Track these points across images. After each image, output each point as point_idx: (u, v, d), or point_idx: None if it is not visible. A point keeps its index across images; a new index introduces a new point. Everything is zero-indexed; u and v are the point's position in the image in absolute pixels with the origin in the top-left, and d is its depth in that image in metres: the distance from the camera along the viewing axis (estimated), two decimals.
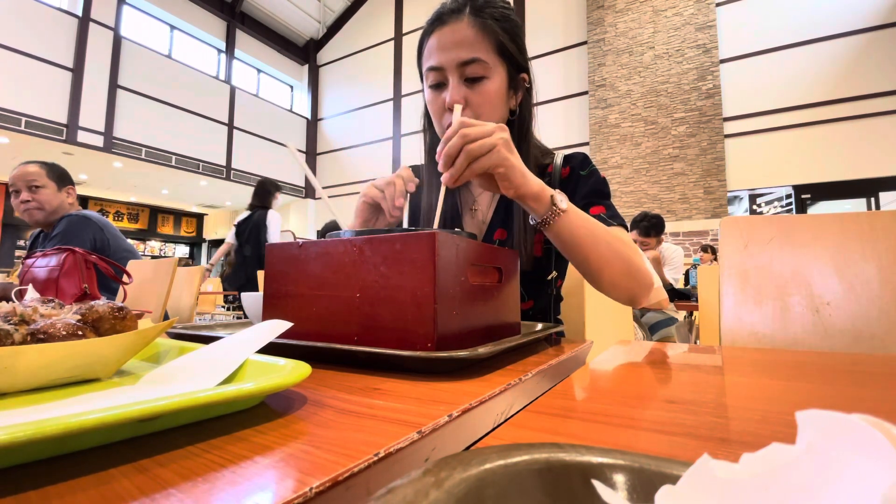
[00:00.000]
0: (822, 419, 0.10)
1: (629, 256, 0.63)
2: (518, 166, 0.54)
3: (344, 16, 9.90)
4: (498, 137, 0.52)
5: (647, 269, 0.64)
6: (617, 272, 0.62)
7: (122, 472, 0.18)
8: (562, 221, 0.57)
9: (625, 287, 0.63)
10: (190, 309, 1.56)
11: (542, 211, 0.57)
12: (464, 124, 0.52)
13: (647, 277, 0.65)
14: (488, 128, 0.52)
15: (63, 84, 6.25)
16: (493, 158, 0.51)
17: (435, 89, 0.72)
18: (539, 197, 0.56)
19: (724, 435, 0.23)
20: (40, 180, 1.60)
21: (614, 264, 0.62)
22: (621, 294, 0.64)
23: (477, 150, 0.51)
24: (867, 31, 5.21)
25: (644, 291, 0.65)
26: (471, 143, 0.51)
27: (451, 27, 0.68)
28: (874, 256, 0.64)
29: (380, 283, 0.39)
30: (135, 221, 10.70)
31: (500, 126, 0.53)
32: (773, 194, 5.64)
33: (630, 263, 0.63)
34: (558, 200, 0.57)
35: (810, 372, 0.39)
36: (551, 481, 0.14)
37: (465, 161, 0.51)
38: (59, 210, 1.64)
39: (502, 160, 0.52)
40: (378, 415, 0.26)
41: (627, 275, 0.63)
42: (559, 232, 0.59)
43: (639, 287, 0.64)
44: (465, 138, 0.51)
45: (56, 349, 0.29)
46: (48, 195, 1.61)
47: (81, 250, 1.14)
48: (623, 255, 0.62)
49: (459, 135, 0.51)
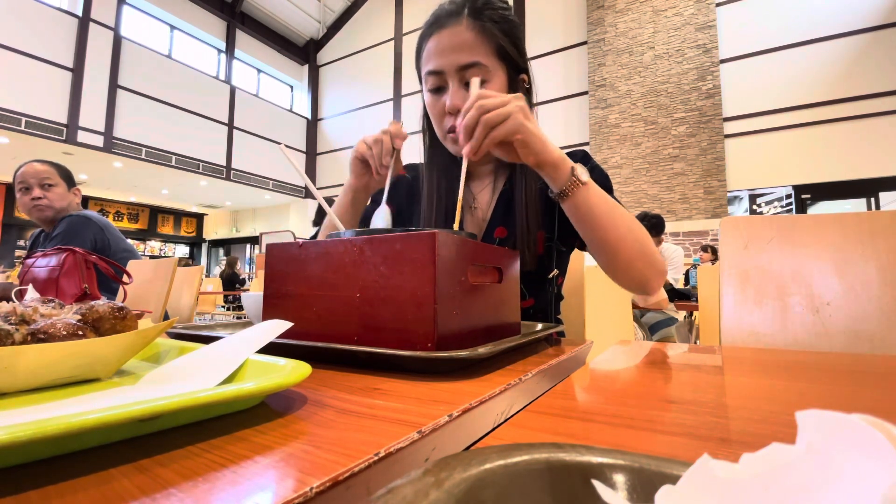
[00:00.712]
0: (822, 419, 0.10)
1: (644, 240, 0.62)
2: (537, 133, 0.55)
3: (344, 16, 9.91)
4: (514, 106, 0.53)
5: (658, 254, 0.64)
6: (633, 253, 0.62)
7: (122, 472, 0.18)
8: (581, 193, 0.57)
9: (639, 270, 0.63)
10: (190, 309, 1.56)
11: (562, 181, 0.57)
12: (481, 96, 0.53)
13: (660, 263, 0.64)
14: (505, 97, 0.53)
15: (63, 84, 6.25)
16: (510, 125, 0.52)
17: (434, 93, 0.72)
18: (559, 165, 0.57)
19: (724, 435, 0.23)
20: (53, 179, 1.61)
21: (630, 244, 0.61)
22: (634, 277, 0.64)
23: (494, 119, 0.52)
24: (867, 31, 5.21)
25: (657, 277, 0.65)
26: (487, 112, 0.52)
27: (450, 30, 0.68)
28: (874, 256, 0.64)
29: (380, 283, 0.39)
30: (135, 221, 10.70)
31: (517, 95, 0.54)
32: (773, 194, 5.64)
33: (645, 246, 0.62)
34: (579, 172, 0.57)
35: (810, 372, 0.39)
36: (551, 481, 0.14)
37: (483, 131, 0.52)
38: (67, 210, 1.65)
39: (519, 126, 0.53)
40: (378, 415, 0.26)
41: (642, 257, 0.62)
42: (578, 204, 0.58)
43: (652, 272, 0.64)
44: (481, 109, 0.52)
45: (56, 349, 0.29)
46: (59, 194, 1.62)
47: (81, 250, 1.14)
48: (639, 236, 0.62)
49: (476, 106, 0.52)
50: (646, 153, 6.16)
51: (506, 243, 0.76)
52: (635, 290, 0.67)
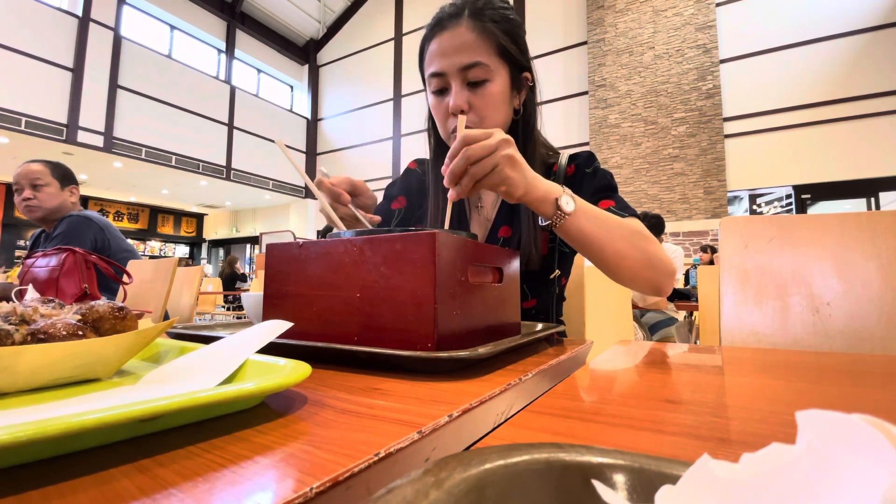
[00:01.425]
0: (822, 419, 0.10)
1: (646, 247, 0.62)
2: (520, 181, 0.54)
3: (344, 16, 9.91)
4: (501, 155, 0.51)
5: (666, 257, 0.64)
6: (636, 265, 0.62)
7: (122, 472, 0.18)
8: (570, 223, 0.57)
9: (645, 278, 0.63)
10: (190, 309, 1.56)
11: (549, 214, 0.57)
12: (466, 140, 0.51)
13: (667, 266, 0.64)
14: (491, 143, 0.51)
15: (63, 84, 6.25)
16: (495, 179, 0.52)
17: (438, 95, 0.72)
18: (544, 200, 0.57)
19: (724, 435, 0.23)
20: (43, 178, 1.61)
21: (631, 257, 0.61)
22: (643, 285, 0.64)
23: (481, 172, 0.51)
24: (867, 31, 5.21)
25: (667, 280, 0.65)
26: (475, 163, 0.51)
27: (451, 32, 0.68)
28: (874, 256, 0.64)
29: (380, 283, 0.39)
30: (135, 221, 10.70)
31: (506, 140, 0.52)
32: (773, 194, 5.64)
33: (648, 254, 0.62)
34: (563, 203, 0.57)
35: (810, 372, 0.39)
36: (551, 481, 0.14)
37: (469, 182, 0.52)
38: (61, 209, 1.65)
39: (504, 179, 0.52)
40: (378, 415, 0.26)
41: (647, 266, 0.62)
42: (568, 232, 0.59)
43: (661, 276, 0.64)
44: (468, 160, 0.51)
45: (56, 349, 0.29)
46: (49, 194, 1.62)
47: (81, 250, 1.14)
48: (640, 246, 0.62)
49: (462, 156, 0.51)
50: (646, 153, 6.16)
51: (510, 243, 0.76)
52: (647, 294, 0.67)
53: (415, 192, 0.90)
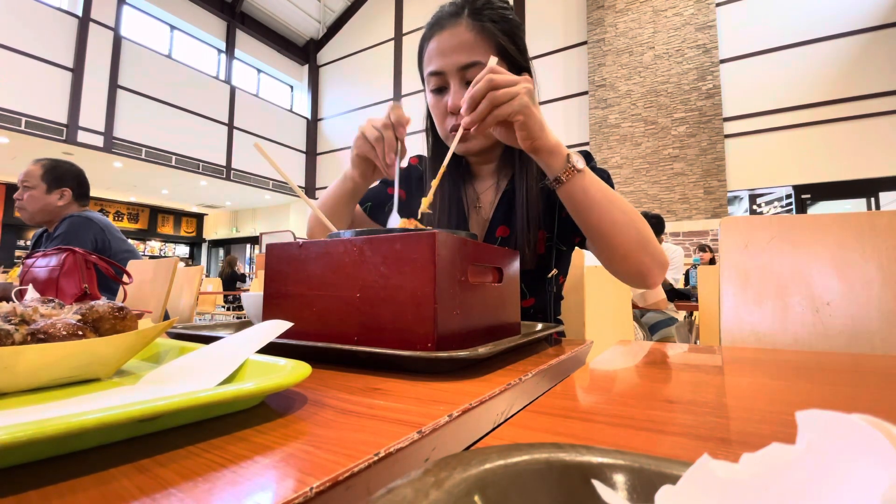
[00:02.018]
0: (822, 419, 0.10)
1: (643, 227, 0.62)
2: (538, 117, 0.55)
3: (344, 16, 9.90)
4: (522, 87, 0.53)
5: (657, 244, 0.64)
6: (630, 240, 0.61)
7: (122, 471, 0.18)
8: (577, 180, 0.58)
9: (637, 259, 0.62)
10: (190, 309, 1.56)
11: (558, 167, 0.57)
12: (492, 70, 0.53)
13: (661, 254, 0.63)
14: (515, 77, 0.53)
15: (63, 84, 6.25)
16: (514, 105, 0.53)
17: (436, 93, 0.72)
18: (555, 151, 0.57)
19: (724, 435, 0.23)
20: (31, 181, 1.63)
21: (628, 232, 0.60)
22: (633, 267, 0.63)
23: (501, 97, 0.52)
24: (867, 31, 5.21)
25: (658, 269, 0.63)
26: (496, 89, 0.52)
27: (450, 31, 0.68)
28: (874, 256, 0.64)
29: (380, 283, 0.39)
30: (135, 221, 10.70)
31: (525, 77, 0.55)
32: (773, 194, 5.64)
33: (643, 234, 0.61)
34: (574, 159, 0.57)
35: (810, 372, 0.39)
36: (551, 481, 0.14)
37: (487, 106, 0.52)
38: (45, 211, 1.65)
39: (523, 108, 0.53)
40: (378, 415, 0.26)
41: (640, 246, 0.61)
42: (573, 191, 0.58)
43: (652, 262, 0.62)
44: (490, 83, 0.52)
45: (56, 349, 0.29)
46: (34, 196, 1.63)
47: (81, 250, 1.14)
48: (637, 224, 0.61)
49: (486, 79, 0.52)
50: (646, 153, 6.15)
51: (508, 243, 0.76)
52: (635, 283, 0.66)
53: (413, 187, 0.90)
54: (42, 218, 1.66)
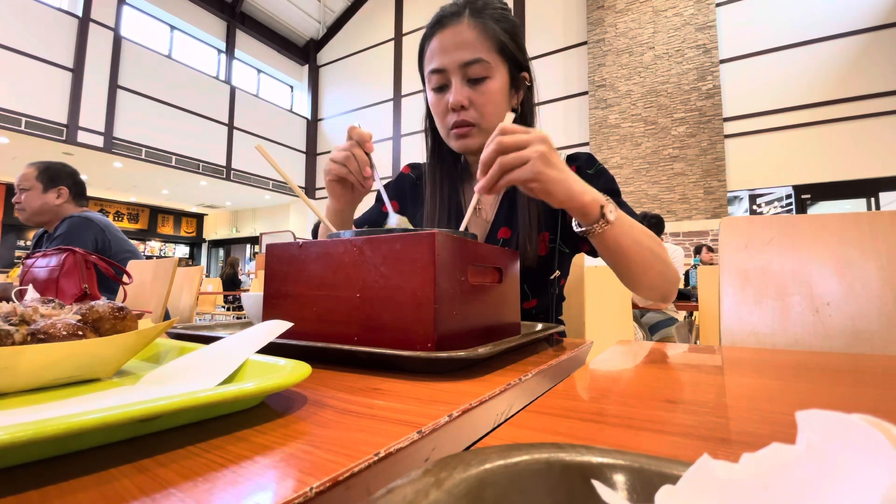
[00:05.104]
0: (822, 419, 0.10)
1: (665, 256, 0.64)
2: (560, 178, 0.51)
3: (344, 16, 9.90)
4: (534, 150, 0.49)
5: (674, 266, 0.66)
6: (655, 275, 0.63)
7: (122, 471, 0.18)
8: (608, 231, 0.56)
9: (660, 289, 0.65)
10: (190, 309, 1.56)
11: (590, 221, 0.56)
12: (502, 131, 0.50)
13: (675, 275, 0.66)
14: (525, 138, 0.50)
15: (63, 84, 6.25)
16: (525, 173, 0.49)
17: (437, 91, 0.72)
18: (587, 210, 0.55)
19: (724, 435, 0.23)
20: (26, 183, 1.64)
21: (654, 268, 0.62)
22: (655, 294, 0.66)
23: (511, 163, 0.49)
24: (867, 31, 5.21)
25: (674, 289, 0.67)
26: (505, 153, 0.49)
27: (452, 30, 0.69)
28: (874, 256, 0.64)
29: (380, 283, 0.39)
30: (135, 221, 10.70)
31: (542, 137, 0.50)
32: (773, 194, 5.64)
33: (664, 264, 0.63)
34: (608, 212, 0.55)
35: (810, 372, 0.39)
36: (551, 481, 0.14)
37: (498, 171, 0.50)
38: (44, 211, 1.66)
39: (536, 175, 0.49)
40: (378, 415, 0.26)
41: (663, 277, 0.64)
42: (604, 241, 0.58)
43: (671, 286, 0.66)
44: (500, 147, 0.49)
45: (56, 349, 0.29)
46: (31, 197, 1.64)
47: (81, 250, 1.14)
48: (660, 257, 0.63)
49: (495, 143, 0.49)
50: (646, 153, 6.15)
51: (509, 244, 0.76)
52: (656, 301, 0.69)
53: (407, 196, 0.90)
54: (41, 218, 1.66)
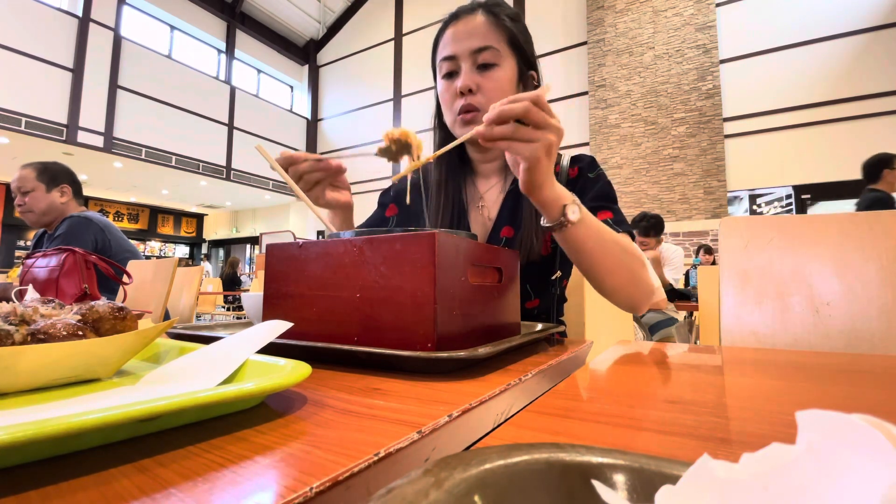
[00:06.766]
0: (822, 419, 0.10)
1: (633, 268, 0.63)
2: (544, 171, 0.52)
3: (344, 16, 9.90)
4: (547, 136, 0.49)
5: (648, 279, 0.65)
6: (620, 281, 0.63)
7: (122, 471, 0.18)
8: (570, 231, 0.57)
9: (626, 294, 0.64)
10: (190, 309, 1.56)
11: (552, 218, 0.57)
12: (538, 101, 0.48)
13: (648, 286, 0.65)
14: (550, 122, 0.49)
15: (63, 84, 6.25)
16: (527, 151, 0.49)
17: (447, 78, 0.74)
18: (552, 203, 0.55)
19: (724, 435, 0.23)
20: (28, 184, 1.64)
21: (618, 274, 0.62)
22: (621, 299, 0.65)
23: (523, 135, 0.48)
24: (867, 31, 5.21)
25: (644, 299, 0.66)
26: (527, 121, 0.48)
27: (465, 20, 0.72)
28: (874, 256, 0.64)
29: (380, 283, 0.39)
30: (135, 222, 10.70)
31: (560, 129, 0.50)
32: (773, 194, 5.64)
33: (633, 273, 0.63)
34: (570, 212, 0.55)
35: (810, 372, 0.39)
36: (551, 481, 0.14)
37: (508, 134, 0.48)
38: (51, 211, 1.66)
39: (533, 159, 0.49)
40: (378, 415, 0.26)
41: (630, 283, 0.64)
42: (566, 239, 0.59)
43: (639, 294, 0.65)
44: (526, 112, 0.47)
45: (56, 349, 0.29)
46: (36, 198, 1.64)
47: (81, 250, 1.14)
48: (627, 265, 0.63)
49: (524, 105, 0.47)
50: (646, 153, 6.15)
51: (512, 243, 0.76)
52: (624, 309, 0.68)
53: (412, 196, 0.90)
54: (48, 218, 1.66)
